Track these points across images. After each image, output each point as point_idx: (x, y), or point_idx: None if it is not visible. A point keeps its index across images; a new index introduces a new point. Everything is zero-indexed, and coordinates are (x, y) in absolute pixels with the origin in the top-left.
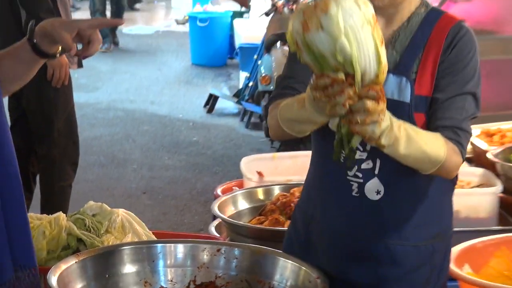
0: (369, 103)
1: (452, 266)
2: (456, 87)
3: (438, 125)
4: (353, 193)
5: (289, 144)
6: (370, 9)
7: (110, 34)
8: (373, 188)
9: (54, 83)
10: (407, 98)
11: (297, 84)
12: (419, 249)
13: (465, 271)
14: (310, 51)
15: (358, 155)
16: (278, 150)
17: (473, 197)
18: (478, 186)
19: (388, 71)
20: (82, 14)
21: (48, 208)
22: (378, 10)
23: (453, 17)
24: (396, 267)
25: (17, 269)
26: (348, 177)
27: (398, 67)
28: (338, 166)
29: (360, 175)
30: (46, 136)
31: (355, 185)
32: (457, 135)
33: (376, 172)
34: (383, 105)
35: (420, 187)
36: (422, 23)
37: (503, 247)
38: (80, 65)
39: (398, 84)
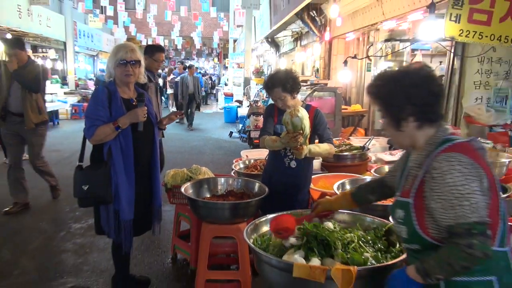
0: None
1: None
2: (324, 128)
3: (324, 138)
4: (286, 165)
5: (256, 146)
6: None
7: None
8: (293, 163)
9: None
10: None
11: (269, 130)
12: (307, 186)
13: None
14: (292, 124)
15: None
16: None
17: None
18: None
19: None
20: None
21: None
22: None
23: (314, 107)
24: (299, 189)
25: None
26: (284, 160)
27: None
28: (281, 156)
29: (289, 158)
30: None
31: (287, 162)
32: (330, 140)
33: (295, 157)
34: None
35: (310, 162)
36: (305, 109)
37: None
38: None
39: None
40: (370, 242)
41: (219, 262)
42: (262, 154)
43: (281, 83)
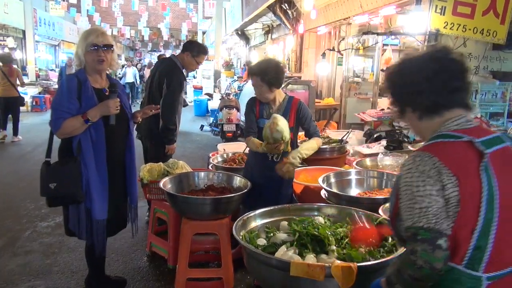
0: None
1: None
2: (309, 121)
3: (311, 132)
4: (269, 159)
5: (229, 140)
6: (286, 120)
7: None
8: (276, 156)
9: None
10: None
11: (252, 130)
12: (290, 180)
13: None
14: (273, 139)
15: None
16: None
17: None
18: None
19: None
20: None
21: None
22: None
23: (296, 98)
24: (282, 183)
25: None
26: (267, 155)
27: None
28: (265, 154)
29: (271, 156)
30: None
31: (270, 156)
32: (316, 133)
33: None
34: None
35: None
36: (287, 102)
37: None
38: None
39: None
40: None
41: (198, 259)
42: (239, 147)
43: (261, 73)
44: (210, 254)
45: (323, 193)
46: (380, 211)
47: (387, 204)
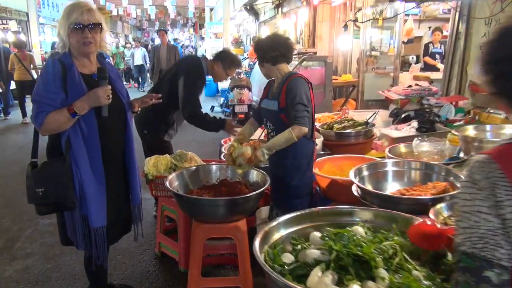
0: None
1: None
2: (292, 104)
3: (290, 119)
4: None
5: (241, 122)
6: (249, 149)
7: None
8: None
9: None
10: (276, 108)
11: (255, 112)
12: (295, 172)
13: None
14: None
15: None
16: None
17: None
18: None
19: (272, 99)
20: None
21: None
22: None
23: (293, 76)
24: (289, 178)
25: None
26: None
27: (274, 96)
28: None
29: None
30: None
31: None
32: (295, 121)
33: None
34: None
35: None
36: (283, 81)
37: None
38: None
39: (274, 103)
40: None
41: (211, 262)
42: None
43: (255, 49)
44: (227, 257)
45: (355, 189)
46: (431, 214)
47: (440, 205)
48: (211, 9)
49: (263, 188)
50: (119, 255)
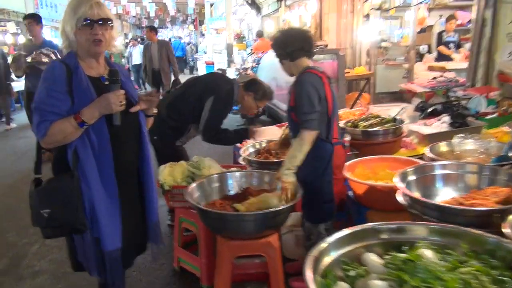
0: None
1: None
2: (298, 105)
3: (299, 123)
4: None
5: (252, 121)
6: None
7: None
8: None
9: None
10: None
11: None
12: (312, 175)
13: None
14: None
15: None
16: None
17: None
18: None
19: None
20: None
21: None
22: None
23: (306, 72)
24: (307, 182)
25: None
26: None
27: (289, 93)
28: None
29: None
30: None
31: None
32: (302, 125)
33: None
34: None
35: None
36: (297, 78)
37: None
38: None
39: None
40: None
41: (237, 279)
42: (273, 133)
43: (273, 49)
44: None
45: (400, 198)
46: (508, 229)
47: None
48: (211, 5)
49: (296, 199)
50: (134, 272)
